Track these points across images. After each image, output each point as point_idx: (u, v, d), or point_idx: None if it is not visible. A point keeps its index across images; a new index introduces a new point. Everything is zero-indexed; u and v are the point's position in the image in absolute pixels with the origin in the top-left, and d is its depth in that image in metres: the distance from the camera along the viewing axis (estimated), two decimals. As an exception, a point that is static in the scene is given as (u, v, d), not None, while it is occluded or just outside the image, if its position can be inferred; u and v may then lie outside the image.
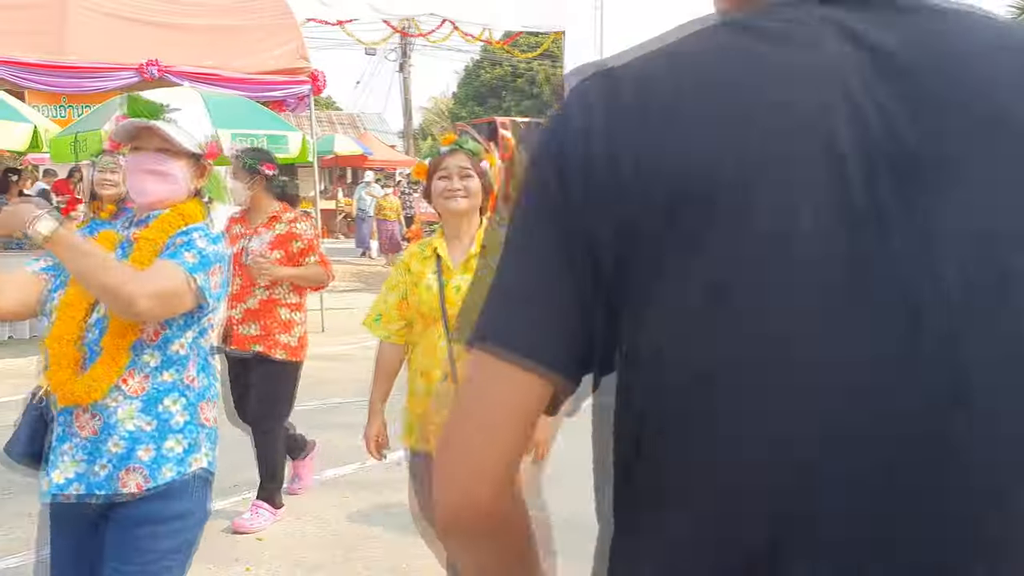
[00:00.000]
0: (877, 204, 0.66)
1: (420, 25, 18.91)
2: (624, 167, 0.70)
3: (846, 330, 0.66)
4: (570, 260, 0.72)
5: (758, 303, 0.67)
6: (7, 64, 7.99)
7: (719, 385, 0.69)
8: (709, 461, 0.70)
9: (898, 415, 0.66)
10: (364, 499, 4.42)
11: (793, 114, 0.68)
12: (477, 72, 46.00)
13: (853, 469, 0.66)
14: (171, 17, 9.36)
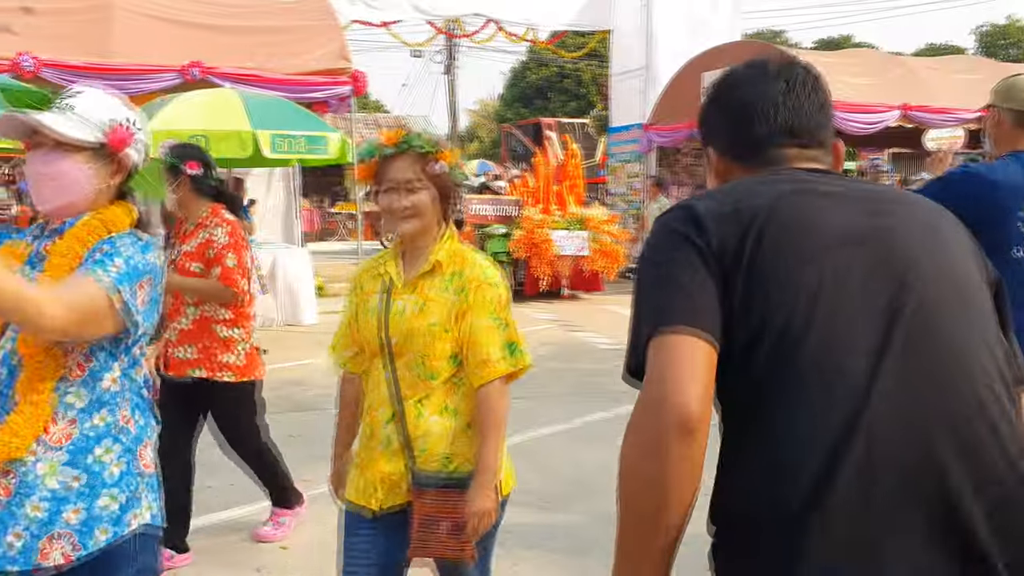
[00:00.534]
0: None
1: (464, 26, 18.87)
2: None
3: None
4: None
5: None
6: (53, 66, 8.10)
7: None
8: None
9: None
10: (394, 507, 4.28)
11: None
12: (524, 73, 45.93)
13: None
14: (214, 19, 9.40)
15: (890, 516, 1.11)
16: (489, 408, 2.23)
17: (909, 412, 1.14)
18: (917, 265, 1.23)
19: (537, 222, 12.03)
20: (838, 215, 1.27)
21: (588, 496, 4.43)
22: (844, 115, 12.49)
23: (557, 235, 11.90)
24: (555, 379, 7.30)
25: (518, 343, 2.27)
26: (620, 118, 18.21)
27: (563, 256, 11.99)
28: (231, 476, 4.66)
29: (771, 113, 1.40)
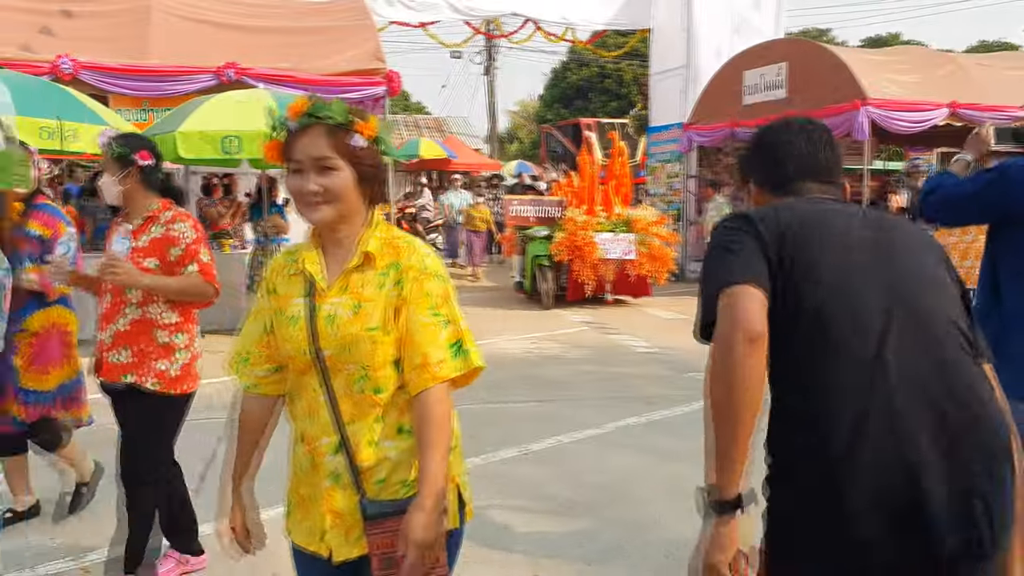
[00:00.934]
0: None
1: (503, 26, 18.80)
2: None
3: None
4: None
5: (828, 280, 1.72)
6: (92, 69, 8.19)
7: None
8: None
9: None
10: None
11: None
12: (564, 74, 45.77)
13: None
14: (249, 20, 9.44)
15: (907, 438, 1.62)
16: (427, 418, 1.81)
17: (908, 372, 1.65)
18: (907, 268, 1.76)
19: (580, 224, 11.40)
20: (853, 227, 1.82)
21: (614, 503, 4.31)
22: (889, 114, 12.15)
23: (601, 238, 11.29)
24: (587, 382, 7.18)
25: (465, 342, 1.90)
26: (660, 118, 18.00)
27: (608, 260, 11.36)
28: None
29: (797, 158, 1.96)
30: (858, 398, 1.62)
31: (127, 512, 3.40)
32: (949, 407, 1.64)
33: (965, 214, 3.12)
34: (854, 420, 1.62)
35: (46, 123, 6.66)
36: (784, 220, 1.77)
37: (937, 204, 3.00)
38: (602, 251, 11.25)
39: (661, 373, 7.59)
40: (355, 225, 1.90)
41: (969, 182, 2.94)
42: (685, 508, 4.20)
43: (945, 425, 1.63)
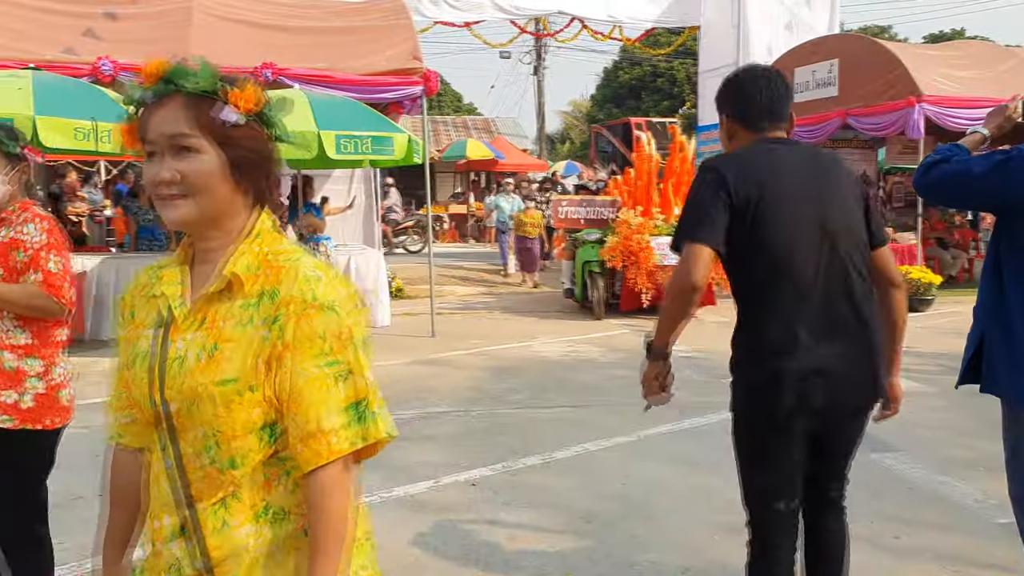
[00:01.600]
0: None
1: (549, 25, 18.66)
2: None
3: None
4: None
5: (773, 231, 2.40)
6: (132, 70, 8.26)
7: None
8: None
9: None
10: (430, 523, 4.07)
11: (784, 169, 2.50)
12: (615, 73, 45.44)
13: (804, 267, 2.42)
14: (287, 20, 9.46)
15: (826, 324, 2.43)
16: (317, 509, 1.37)
17: (828, 296, 2.41)
18: (831, 202, 2.47)
19: (635, 227, 10.35)
20: (796, 180, 2.48)
21: (635, 516, 4.14)
22: (945, 111, 11.70)
23: (659, 242, 10.10)
24: (621, 387, 6.98)
25: (371, 402, 1.41)
26: (708, 116, 17.64)
27: (666, 266, 10.09)
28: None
29: (759, 98, 2.55)
30: (796, 311, 2.41)
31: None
32: (850, 319, 2.46)
33: (963, 196, 2.85)
34: (791, 328, 2.41)
35: (81, 124, 6.75)
36: (747, 174, 2.41)
37: (937, 180, 2.68)
38: (659, 256, 10.14)
39: (696, 378, 7.36)
40: (229, 233, 1.44)
41: (977, 162, 2.63)
42: (705, 523, 4.04)
43: (845, 329, 2.45)
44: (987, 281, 2.74)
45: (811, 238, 2.40)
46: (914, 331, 8.00)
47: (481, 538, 3.85)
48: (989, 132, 2.78)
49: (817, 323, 2.39)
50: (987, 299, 2.74)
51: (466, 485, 4.57)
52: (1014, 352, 2.64)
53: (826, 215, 2.43)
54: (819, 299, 2.39)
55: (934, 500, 4.41)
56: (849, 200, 2.51)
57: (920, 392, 6.82)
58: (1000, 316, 2.68)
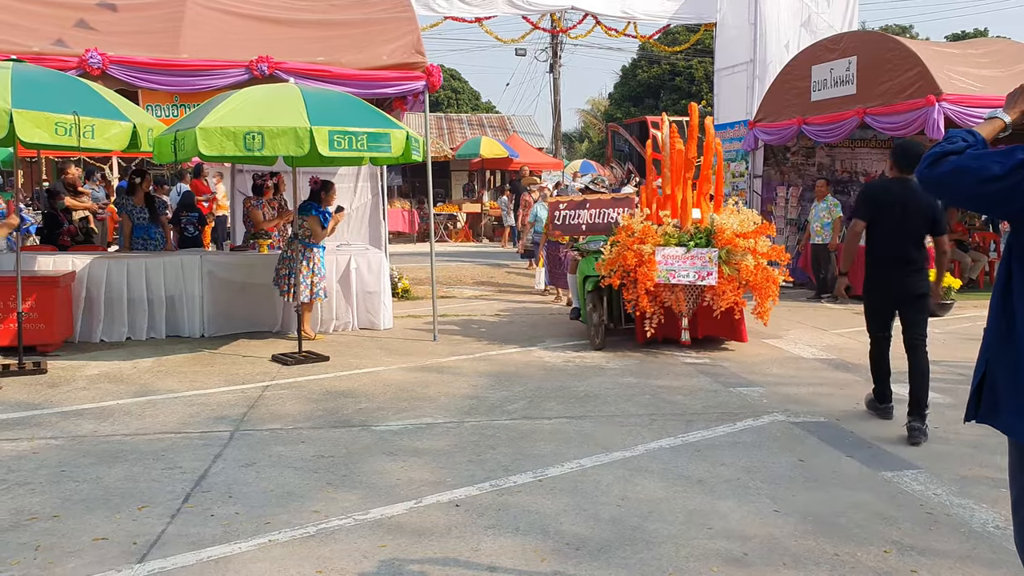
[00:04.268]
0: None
1: (562, 21, 18.34)
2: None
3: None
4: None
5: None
6: (121, 63, 8.03)
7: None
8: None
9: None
10: (405, 550, 3.77)
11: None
12: (634, 72, 45.01)
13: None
14: (285, 13, 9.19)
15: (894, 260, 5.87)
16: None
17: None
18: (908, 208, 5.77)
19: (637, 234, 8.34)
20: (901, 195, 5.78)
21: (627, 542, 3.82)
22: (966, 110, 11.29)
23: (666, 253, 8.16)
24: (625, 396, 6.68)
25: None
26: (725, 115, 17.30)
27: (675, 286, 8.22)
28: (235, 506, 4.30)
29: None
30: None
31: None
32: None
33: (976, 198, 2.32)
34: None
35: (62, 118, 6.48)
36: (884, 195, 5.91)
37: (946, 176, 2.28)
38: (664, 272, 8.12)
39: (707, 387, 7.04)
40: None
41: (996, 158, 2.20)
42: (703, 552, 3.72)
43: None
44: (996, 301, 2.39)
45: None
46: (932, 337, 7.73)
47: (456, 570, 3.55)
48: (1011, 119, 2.43)
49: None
50: (994, 323, 2.39)
51: (449, 506, 4.27)
52: (1019, 380, 2.31)
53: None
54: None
55: (953, 526, 4.07)
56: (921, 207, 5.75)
57: (938, 403, 6.47)
58: (1007, 343, 2.34)
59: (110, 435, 5.52)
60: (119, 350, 8.42)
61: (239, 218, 11.30)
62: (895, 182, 5.83)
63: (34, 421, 5.87)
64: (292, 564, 3.57)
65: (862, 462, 5.06)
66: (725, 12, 17.09)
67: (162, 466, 4.87)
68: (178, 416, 6.02)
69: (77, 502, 4.28)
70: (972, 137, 2.35)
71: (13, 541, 3.79)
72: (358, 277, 9.77)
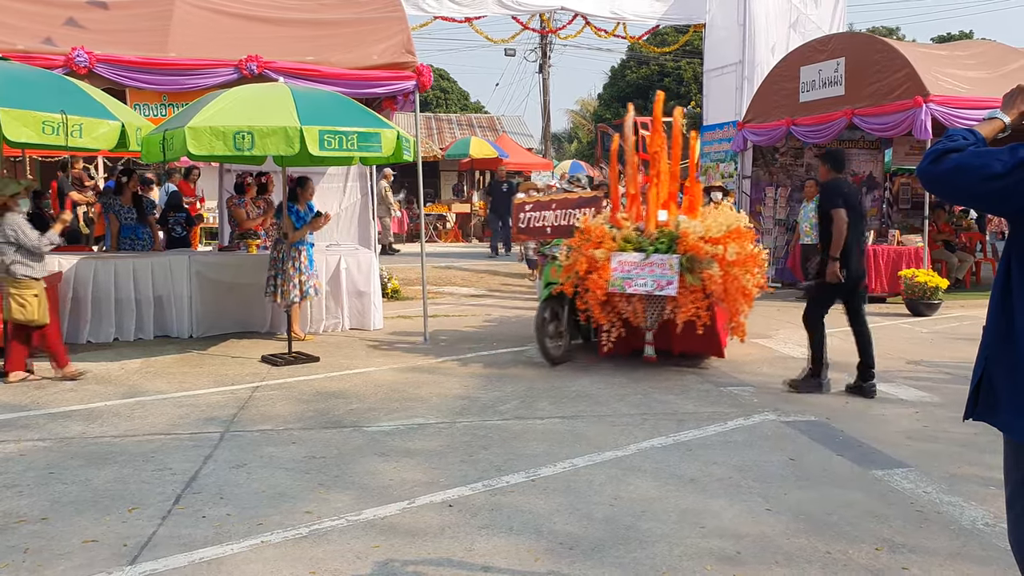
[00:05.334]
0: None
1: (552, 22, 18.34)
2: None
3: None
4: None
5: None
6: (108, 62, 7.97)
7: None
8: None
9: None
10: (399, 551, 3.76)
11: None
12: (623, 73, 45.06)
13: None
14: (275, 12, 9.14)
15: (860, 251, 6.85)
16: None
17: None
18: (860, 204, 6.94)
19: (593, 237, 7.50)
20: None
21: (621, 543, 3.82)
22: (953, 111, 11.36)
23: (622, 260, 7.27)
24: (616, 396, 6.68)
25: None
26: (714, 115, 17.36)
27: (631, 296, 7.26)
28: (226, 507, 4.28)
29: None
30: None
31: None
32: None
33: (977, 195, 2.33)
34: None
35: (49, 117, 6.43)
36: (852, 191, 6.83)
37: (947, 172, 2.29)
38: (619, 281, 7.22)
39: (697, 387, 7.05)
40: None
41: (998, 156, 2.22)
42: (696, 551, 3.72)
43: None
44: (995, 301, 2.41)
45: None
46: (920, 337, 7.73)
47: (450, 570, 3.54)
48: (1010, 120, 2.44)
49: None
50: (993, 322, 2.41)
51: (442, 506, 4.26)
52: (1018, 379, 2.33)
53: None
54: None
55: (943, 524, 4.09)
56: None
57: (927, 402, 6.52)
58: (1006, 343, 2.35)
59: (99, 437, 5.48)
60: (107, 351, 8.37)
61: (227, 218, 11.25)
62: (847, 182, 6.93)
63: (21, 423, 5.82)
64: (285, 565, 3.56)
65: (853, 461, 5.08)
66: (714, 13, 17.14)
67: (152, 467, 4.84)
68: (167, 417, 5.98)
69: (66, 504, 4.25)
70: (973, 136, 2.36)
71: (1, 544, 3.76)
72: (348, 277, 9.75)
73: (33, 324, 6.91)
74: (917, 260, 12.15)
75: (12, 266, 6.79)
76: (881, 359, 6.29)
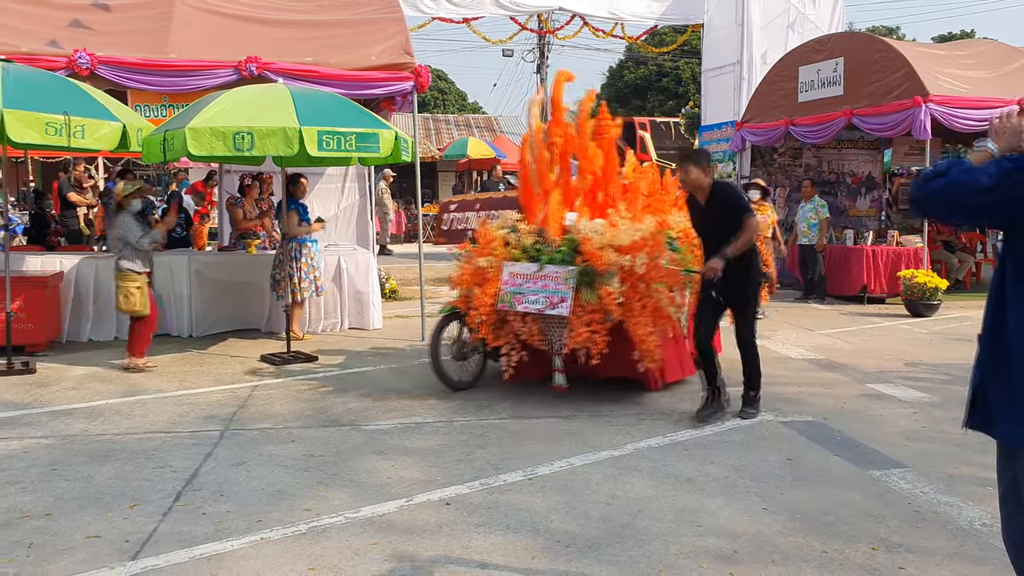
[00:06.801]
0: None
1: (550, 22, 18.37)
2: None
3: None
4: None
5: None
6: (109, 63, 8.01)
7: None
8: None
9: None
10: (397, 548, 3.79)
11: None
12: (621, 73, 45.10)
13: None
14: (274, 13, 9.18)
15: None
16: None
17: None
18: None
19: (483, 243, 6.57)
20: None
21: (616, 540, 3.85)
22: (953, 111, 11.40)
23: (514, 271, 6.23)
24: (616, 396, 6.70)
25: None
26: (712, 115, 17.40)
27: (525, 315, 6.15)
28: (226, 504, 4.31)
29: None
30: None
31: None
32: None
33: (969, 209, 2.47)
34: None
35: (52, 118, 6.47)
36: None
37: (938, 191, 2.40)
38: (509, 296, 6.16)
39: (696, 388, 7.07)
40: None
41: (984, 172, 2.34)
42: (692, 550, 3.75)
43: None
44: (989, 308, 2.49)
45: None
46: (919, 338, 7.70)
47: (448, 567, 3.57)
48: (999, 151, 2.50)
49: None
50: (988, 330, 2.47)
51: (440, 504, 4.29)
52: (1012, 389, 2.37)
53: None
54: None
55: (940, 524, 4.12)
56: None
57: (924, 402, 6.54)
58: (1000, 351, 2.41)
59: (100, 434, 5.51)
60: (107, 350, 8.40)
61: (226, 219, 11.27)
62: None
63: (24, 420, 5.85)
64: (285, 562, 3.59)
65: (850, 461, 5.11)
66: (712, 13, 17.18)
67: (153, 465, 4.87)
68: (168, 415, 6.01)
69: (69, 500, 4.28)
70: (961, 164, 2.45)
71: (6, 539, 3.79)
72: (347, 277, 9.78)
73: (135, 314, 7.49)
74: (916, 261, 12.18)
75: (120, 260, 7.46)
76: (879, 360, 6.25)
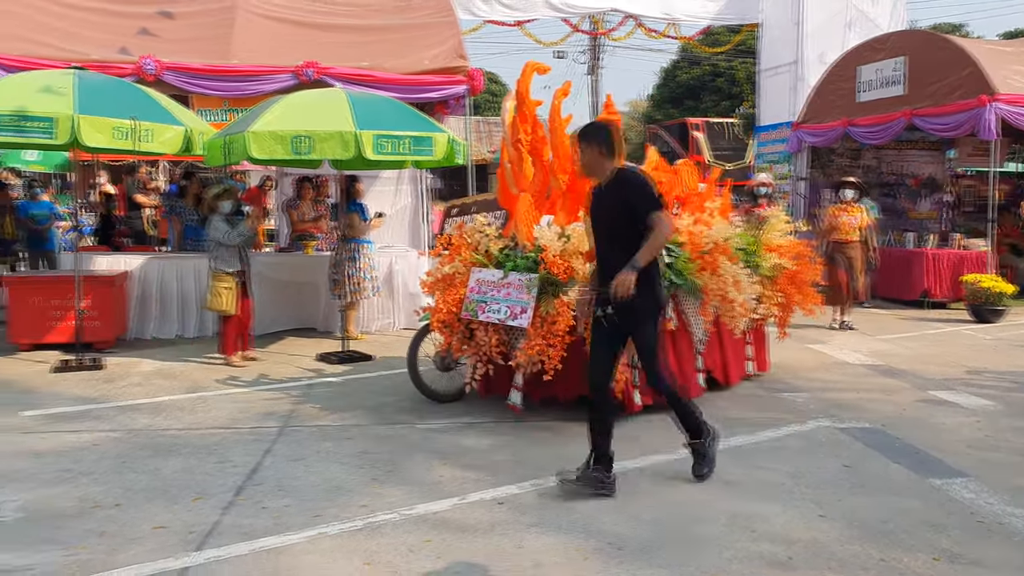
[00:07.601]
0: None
1: (603, 24, 18.33)
2: None
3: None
4: None
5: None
6: (174, 69, 8.25)
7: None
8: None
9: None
10: (451, 545, 3.84)
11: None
12: (674, 73, 44.72)
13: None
14: (331, 18, 9.35)
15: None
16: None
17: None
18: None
19: (452, 247, 6.18)
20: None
21: (667, 544, 3.84)
22: (1020, 110, 11.06)
23: (480, 278, 5.84)
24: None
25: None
26: (768, 116, 17.17)
27: (494, 325, 5.71)
28: (285, 499, 4.41)
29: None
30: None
31: None
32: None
33: None
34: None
35: (120, 123, 6.70)
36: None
37: None
38: (473, 304, 5.77)
39: (751, 392, 7.00)
40: None
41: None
42: (747, 556, 3.72)
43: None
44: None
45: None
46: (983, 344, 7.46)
47: (501, 566, 3.60)
48: None
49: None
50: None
51: (492, 503, 4.33)
52: None
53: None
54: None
55: (1006, 535, 4.01)
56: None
57: (990, 410, 6.37)
58: None
59: (165, 429, 5.69)
60: (170, 347, 8.64)
61: (284, 221, 11.51)
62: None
63: (93, 415, 6.07)
64: (341, 556, 3.66)
65: (909, 468, 5.01)
66: (768, 12, 16.96)
67: (215, 460, 5.00)
68: (228, 412, 6.17)
69: (137, 492, 4.43)
70: None
71: (80, 527, 3.95)
72: (400, 278, 9.89)
73: (223, 313, 7.69)
74: (981, 265, 11.86)
75: (212, 260, 7.68)
76: (941, 366, 6.06)
